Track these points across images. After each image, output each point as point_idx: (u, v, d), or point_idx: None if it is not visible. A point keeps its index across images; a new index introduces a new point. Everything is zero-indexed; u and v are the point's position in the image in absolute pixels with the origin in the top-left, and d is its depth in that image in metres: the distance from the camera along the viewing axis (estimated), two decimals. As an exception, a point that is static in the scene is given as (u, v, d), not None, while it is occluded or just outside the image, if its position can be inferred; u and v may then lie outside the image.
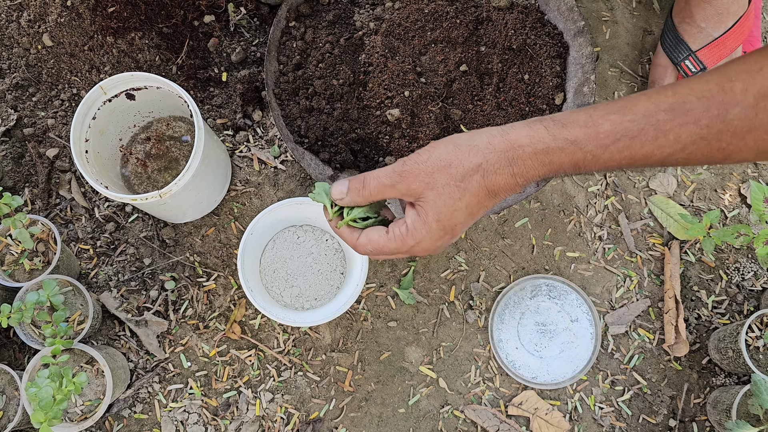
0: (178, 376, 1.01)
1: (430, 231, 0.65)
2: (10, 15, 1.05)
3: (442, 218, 0.64)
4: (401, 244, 0.66)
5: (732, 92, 0.57)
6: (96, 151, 0.96)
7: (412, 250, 0.67)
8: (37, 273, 0.95)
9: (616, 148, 0.60)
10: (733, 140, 0.58)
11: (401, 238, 0.66)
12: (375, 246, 0.68)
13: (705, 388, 1.02)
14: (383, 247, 0.67)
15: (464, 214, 0.64)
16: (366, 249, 0.69)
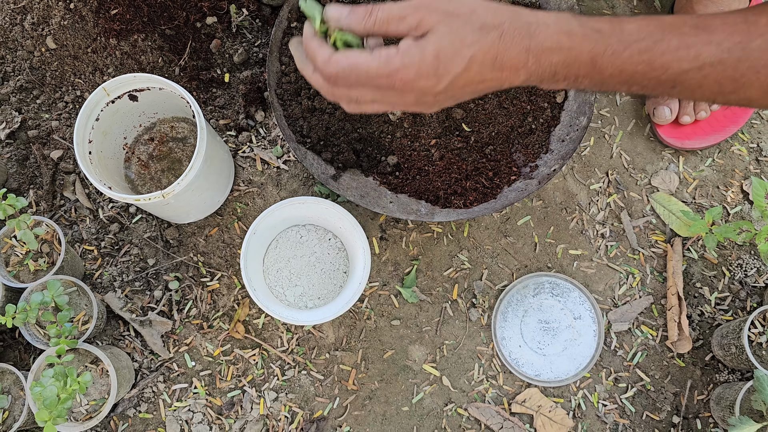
0: (182, 375, 1.02)
1: (422, 61, 0.58)
2: (14, 18, 1.06)
3: (442, 56, 0.58)
4: (384, 64, 0.59)
5: (756, 24, 0.57)
6: (99, 153, 0.96)
7: (392, 75, 0.59)
8: (41, 274, 0.95)
9: (638, 48, 0.59)
10: (748, 72, 0.58)
11: (386, 58, 0.59)
12: (351, 63, 0.60)
13: (708, 384, 1.02)
14: (361, 64, 0.60)
15: (463, 66, 0.58)
16: (338, 66, 0.60)
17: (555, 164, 0.97)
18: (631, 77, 0.60)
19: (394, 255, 1.06)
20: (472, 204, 0.96)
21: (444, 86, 0.59)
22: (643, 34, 0.59)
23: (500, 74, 0.59)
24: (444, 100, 0.62)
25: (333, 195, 1.06)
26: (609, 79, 0.61)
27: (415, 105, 0.62)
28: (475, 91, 0.62)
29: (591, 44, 0.59)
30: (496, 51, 0.58)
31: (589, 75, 0.60)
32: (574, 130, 0.98)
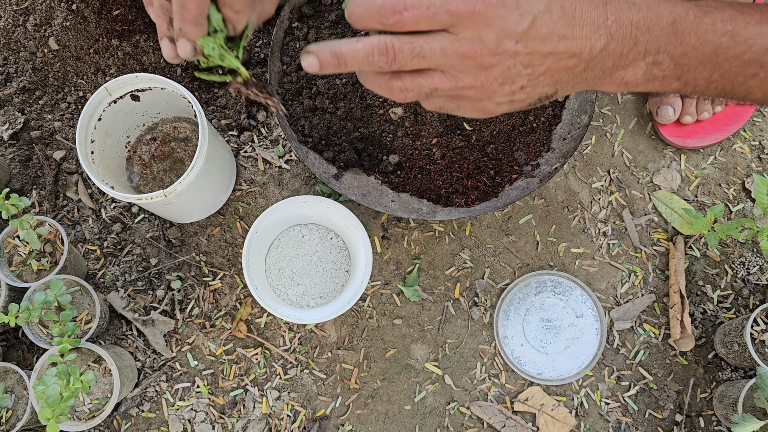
0: (185, 374, 1.02)
1: None
2: (16, 19, 1.07)
3: None
4: None
5: None
6: (102, 153, 0.97)
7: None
8: (44, 273, 0.96)
9: (720, 16, 0.53)
10: None
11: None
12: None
13: (711, 382, 1.02)
14: None
15: (544, 4, 0.51)
16: None
17: (556, 163, 0.97)
18: (715, 53, 0.54)
19: (396, 254, 1.06)
20: (473, 203, 0.97)
21: (525, 26, 0.50)
22: (720, 4, 0.54)
23: (581, 31, 0.52)
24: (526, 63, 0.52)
25: (335, 194, 1.06)
26: (691, 53, 0.54)
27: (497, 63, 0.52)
28: (555, 53, 0.52)
29: (669, 5, 0.53)
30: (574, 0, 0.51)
31: (669, 48, 0.54)
32: (575, 129, 0.98)
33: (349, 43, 0.54)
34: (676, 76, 0.56)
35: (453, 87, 0.54)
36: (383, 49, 0.52)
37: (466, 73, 0.52)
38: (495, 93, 0.54)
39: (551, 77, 0.54)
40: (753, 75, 0.55)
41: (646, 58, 0.54)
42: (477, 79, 0.52)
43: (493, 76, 0.52)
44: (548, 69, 0.53)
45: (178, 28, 0.60)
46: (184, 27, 0.59)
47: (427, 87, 0.54)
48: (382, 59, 0.53)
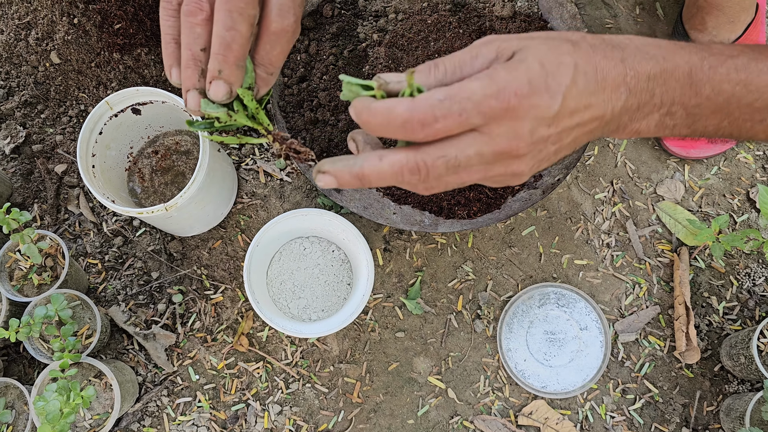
0: (186, 389, 1.01)
1: (530, 69, 0.48)
2: (18, 33, 1.07)
3: (547, 64, 0.48)
4: (489, 81, 0.47)
5: None
6: (103, 166, 0.96)
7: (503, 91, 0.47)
8: (45, 288, 0.95)
9: (734, 64, 0.53)
10: None
11: (489, 75, 0.48)
12: (448, 91, 0.47)
13: (718, 395, 1.01)
14: (462, 88, 0.47)
15: (570, 76, 0.49)
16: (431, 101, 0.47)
17: (559, 174, 0.96)
18: (728, 102, 0.54)
19: (398, 266, 1.05)
20: (475, 214, 0.96)
21: (557, 108, 0.48)
22: (734, 51, 0.54)
23: (603, 95, 0.51)
24: (555, 141, 0.51)
25: (336, 206, 1.06)
26: (704, 104, 0.54)
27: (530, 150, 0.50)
28: (581, 124, 0.51)
29: (686, 54, 0.53)
30: (595, 61, 0.50)
31: (684, 99, 0.53)
32: (577, 140, 0.97)
33: (371, 162, 0.50)
34: (687, 125, 0.55)
35: (482, 178, 0.52)
36: (414, 169, 0.50)
37: (498, 165, 0.50)
38: (524, 173, 0.52)
39: (574, 143, 0.53)
40: (761, 120, 0.55)
41: (660, 110, 0.54)
42: (508, 168, 0.51)
43: (525, 162, 0.51)
44: (573, 139, 0.52)
45: (216, 70, 0.56)
46: (225, 69, 0.56)
47: (455, 184, 0.52)
48: (414, 178, 0.50)
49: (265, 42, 0.59)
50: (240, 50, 0.56)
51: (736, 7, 1.02)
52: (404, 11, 1.03)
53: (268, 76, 0.62)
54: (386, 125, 0.48)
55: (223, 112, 0.59)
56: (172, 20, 0.58)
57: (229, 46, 0.56)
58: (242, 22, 0.55)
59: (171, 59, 0.59)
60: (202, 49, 0.57)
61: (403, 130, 0.48)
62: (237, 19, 0.55)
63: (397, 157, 0.50)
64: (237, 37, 0.56)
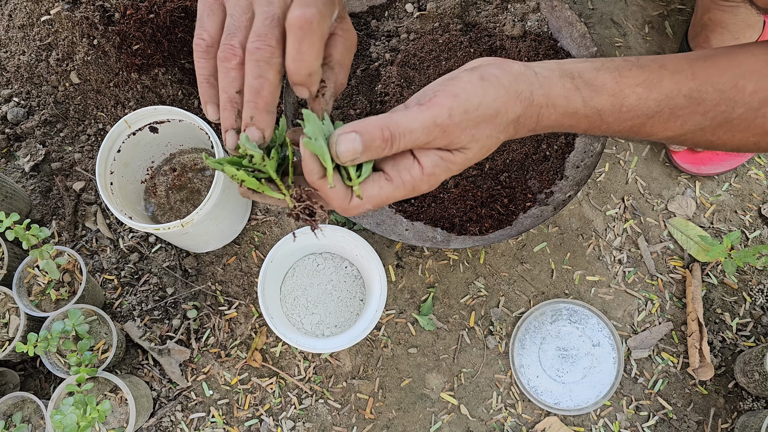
0: (200, 404, 1.02)
1: (449, 172, 0.58)
2: (39, 54, 1.10)
3: (468, 162, 0.58)
4: (411, 190, 0.57)
5: (742, 92, 0.59)
6: (120, 183, 0.98)
7: (418, 190, 0.58)
8: (63, 303, 0.97)
9: (632, 124, 0.61)
10: (724, 135, 0.61)
11: (412, 184, 0.57)
12: (377, 200, 0.57)
13: (732, 412, 1.00)
14: (388, 197, 0.57)
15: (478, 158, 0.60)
16: (363, 208, 0.58)
17: (570, 190, 0.97)
18: (618, 135, 0.65)
19: (411, 282, 1.06)
20: (487, 231, 0.97)
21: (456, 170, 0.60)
22: (639, 111, 0.61)
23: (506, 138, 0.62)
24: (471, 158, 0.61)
25: (349, 223, 1.07)
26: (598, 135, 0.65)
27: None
28: None
29: (589, 122, 0.61)
30: (513, 134, 0.60)
31: (580, 133, 0.64)
32: (588, 156, 0.98)
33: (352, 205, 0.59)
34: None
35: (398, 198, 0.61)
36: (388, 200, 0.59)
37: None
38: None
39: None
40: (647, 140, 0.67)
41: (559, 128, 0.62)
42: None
43: None
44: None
45: (249, 117, 0.59)
46: (256, 115, 0.59)
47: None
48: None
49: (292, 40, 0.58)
50: (269, 96, 0.58)
51: (741, 24, 1.03)
52: (416, 31, 1.05)
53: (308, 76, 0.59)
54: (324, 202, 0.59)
55: (259, 153, 0.60)
56: (203, 61, 0.61)
57: (259, 93, 0.58)
58: (269, 69, 0.58)
59: (206, 97, 0.62)
60: (238, 92, 0.60)
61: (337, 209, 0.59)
62: (264, 68, 0.57)
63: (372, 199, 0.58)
64: (266, 85, 0.58)
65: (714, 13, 1.03)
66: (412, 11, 1.07)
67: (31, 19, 1.08)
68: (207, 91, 0.62)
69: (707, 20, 1.05)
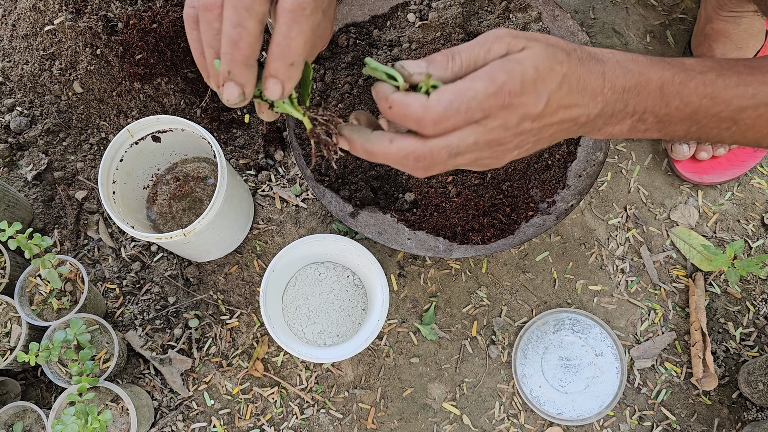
0: (201, 414, 1.01)
1: (524, 72, 0.53)
2: (42, 64, 1.10)
3: (540, 68, 0.54)
4: (490, 81, 0.53)
5: None
6: (123, 192, 0.98)
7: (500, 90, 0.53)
8: (64, 312, 0.96)
9: (702, 80, 0.59)
10: None
11: (490, 75, 0.53)
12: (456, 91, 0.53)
13: (736, 423, 0.99)
14: (467, 88, 0.53)
15: (557, 82, 0.55)
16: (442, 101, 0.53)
17: (572, 200, 0.97)
18: (695, 113, 0.60)
19: (413, 292, 1.06)
20: (489, 240, 0.97)
21: (541, 107, 0.55)
22: (704, 68, 0.60)
23: (582, 99, 0.57)
24: (535, 134, 0.57)
25: (351, 232, 1.07)
26: (674, 113, 0.60)
27: (514, 139, 0.56)
28: (560, 122, 0.57)
29: (659, 70, 0.59)
30: (580, 72, 0.56)
31: (655, 108, 0.59)
32: (590, 166, 0.98)
33: (381, 144, 0.56)
34: (657, 130, 0.62)
35: (472, 162, 0.58)
36: (420, 157, 0.55)
37: (487, 150, 0.57)
38: (504, 159, 0.59)
39: (551, 138, 0.59)
40: (726, 128, 0.62)
41: (633, 117, 0.60)
42: (494, 152, 0.57)
43: (509, 148, 0.58)
44: (551, 134, 0.59)
45: (226, 71, 0.54)
46: (234, 69, 0.54)
47: (450, 166, 0.58)
48: (417, 164, 0.56)
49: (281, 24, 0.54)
50: (249, 48, 0.53)
51: (744, 34, 1.03)
52: (418, 41, 1.05)
53: (289, 67, 0.55)
54: (402, 118, 0.55)
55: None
56: (195, 33, 0.57)
57: (237, 44, 0.53)
58: (249, 18, 0.52)
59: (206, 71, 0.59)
60: None
61: (416, 125, 0.54)
62: (243, 15, 0.52)
63: (405, 143, 0.56)
64: (244, 35, 0.53)
65: (717, 23, 1.03)
66: (414, 21, 1.07)
67: (35, 28, 1.09)
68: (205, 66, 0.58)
69: (710, 30, 1.05)
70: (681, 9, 1.19)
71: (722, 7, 1.01)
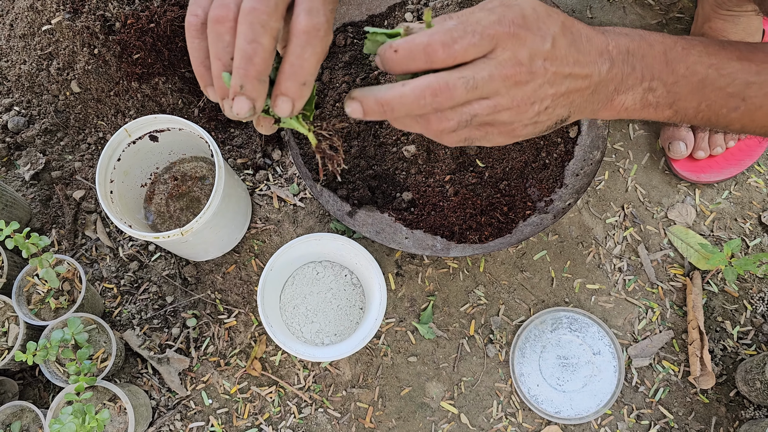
0: (199, 413, 1.01)
1: (523, 8, 0.53)
2: (40, 64, 1.10)
3: (539, 9, 0.54)
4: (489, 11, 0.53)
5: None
6: (120, 192, 0.98)
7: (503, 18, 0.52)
8: (62, 311, 0.96)
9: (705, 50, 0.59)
10: None
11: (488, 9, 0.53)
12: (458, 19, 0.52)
13: (734, 421, 1.00)
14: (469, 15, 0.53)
15: (559, 26, 0.54)
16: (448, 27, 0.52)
17: (570, 198, 0.97)
18: (702, 84, 0.59)
19: (410, 291, 1.06)
20: (487, 239, 0.97)
21: (549, 46, 0.53)
22: (704, 40, 0.60)
23: (590, 57, 0.55)
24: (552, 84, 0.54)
25: (349, 231, 1.07)
26: (682, 81, 0.59)
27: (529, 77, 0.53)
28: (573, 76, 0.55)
29: (660, 36, 0.58)
30: (580, 26, 0.56)
31: (662, 75, 0.58)
32: (588, 165, 0.98)
33: (393, 90, 0.54)
34: (668, 104, 0.60)
35: (492, 111, 0.54)
36: (437, 90, 0.52)
37: (504, 94, 0.54)
38: (525, 113, 0.55)
39: (568, 98, 0.56)
40: (735, 108, 0.60)
41: (642, 84, 0.58)
42: (514, 99, 0.54)
43: (527, 94, 0.54)
44: (567, 90, 0.56)
45: (238, 86, 0.53)
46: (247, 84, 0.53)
47: (468, 114, 0.54)
48: (436, 100, 0.53)
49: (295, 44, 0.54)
50: (262, 64, 0.53)
51: (742, 33, 1.04)
52: (415, 40, 1.05)
53: (301, 86, 0.55)
54: (409, 55, 0.52)
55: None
56: (197, 41, 0.56)
57: (251, 59, 0.53)
58: (264, 34, 0.52)
59: (204, 80, 0.58)
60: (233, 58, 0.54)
61: (425, 55, 0.52)
62: (259, 31, 0.52)
63: (420, 81, 0.53)
64: (259, 50, 0.53)
65: (715, 22, 1.04)
66: (411, 20, 1.08)
67: (32, 28, 1.09)
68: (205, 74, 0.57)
69: (708, 29, 1.05)
70: (678, 8, 1.19)
71: (721, 5, 1.01)
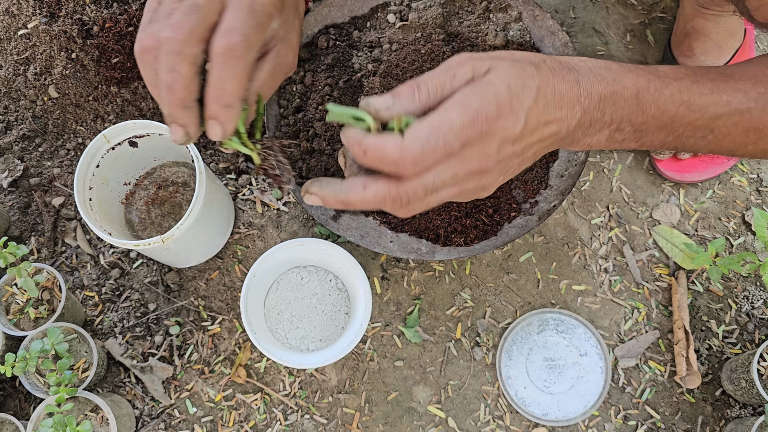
0: (183, 422, 1.00)
1: (497, 93, 0.52)
2: (17, 69, 1.08)
3: (513, 86, 0.52)
4: (464, 110, 0.51)
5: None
6: (100, 199, 0.97)
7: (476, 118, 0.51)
8: (42, 321, 0.95)
9: (677, 87, 0.59)
10: None
11: (463, 103, 0.51)
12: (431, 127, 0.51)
13: (720, 420, 1.00)
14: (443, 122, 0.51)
15: (533, 98, 0.53)
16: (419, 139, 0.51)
17: (555, 200, 0.96)
18: (671, 121, 0.60)
19: (396, 295, 1.05)
20: (472, 241, 0.96)
21: (521, 127, 0.53)
22: (678, 74, 0.60)
23: (560, 113, 0.56)
24: (518, 156, 0.56)
25: (333, 236, 1.06)
26: (650, 121, 0.59)
27: (497, 166, 0.54)
28: (541, 140, 0.56)
29: (634, 77, 0.58)
30: (553, 83, 0.55)
31: (632, 117, 0.58)
32: (572, 165, 0.98)
33: (355, 192, 0.55)
34: (635, 140, 0.62)
35: (456, 194, 0.56)
36: (396, 198, 0.54)
37: (469, 181, 0.55)
38: (491, 186, 0.58)
39: (534, 157, 0.59)
40: (702, 137, 0.61)
41: (610, 126, 0.59)
42: (478, 182, 0.56)
43: (494, 175, 0.56)
44: (534, 152, 0.58)
45: (168, 115, 0.55)
46: (173, 112, 0.55)
47: (432, 202, 0.56)
48: (395, 205, 0.55)
49: (213, 67, 0.55)
50: (183, 91, 0.55)
51: (724, 33, 1.04)
52: (398, 41, 1.05)
53: (226, 108, 0.56)
54: (379, 162, 0.53)
55: None
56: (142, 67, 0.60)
57: (172, 88, 0.54)
58: (181, 62, 0.53)
59: None
60: None
61: (395, 168, 0.53)
62: (175, 59, 0.53)
63: (379, 186, 0.54)
64: (178, 79, 0.54)
65: (697, 21, 1.04)
66: (394, 21, 1.07)
67: (8, 33, 1.07)
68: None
69: (690, 29, 1.05)
70: (661, 8, 1.19)
71: (702, 5, 1.02)
